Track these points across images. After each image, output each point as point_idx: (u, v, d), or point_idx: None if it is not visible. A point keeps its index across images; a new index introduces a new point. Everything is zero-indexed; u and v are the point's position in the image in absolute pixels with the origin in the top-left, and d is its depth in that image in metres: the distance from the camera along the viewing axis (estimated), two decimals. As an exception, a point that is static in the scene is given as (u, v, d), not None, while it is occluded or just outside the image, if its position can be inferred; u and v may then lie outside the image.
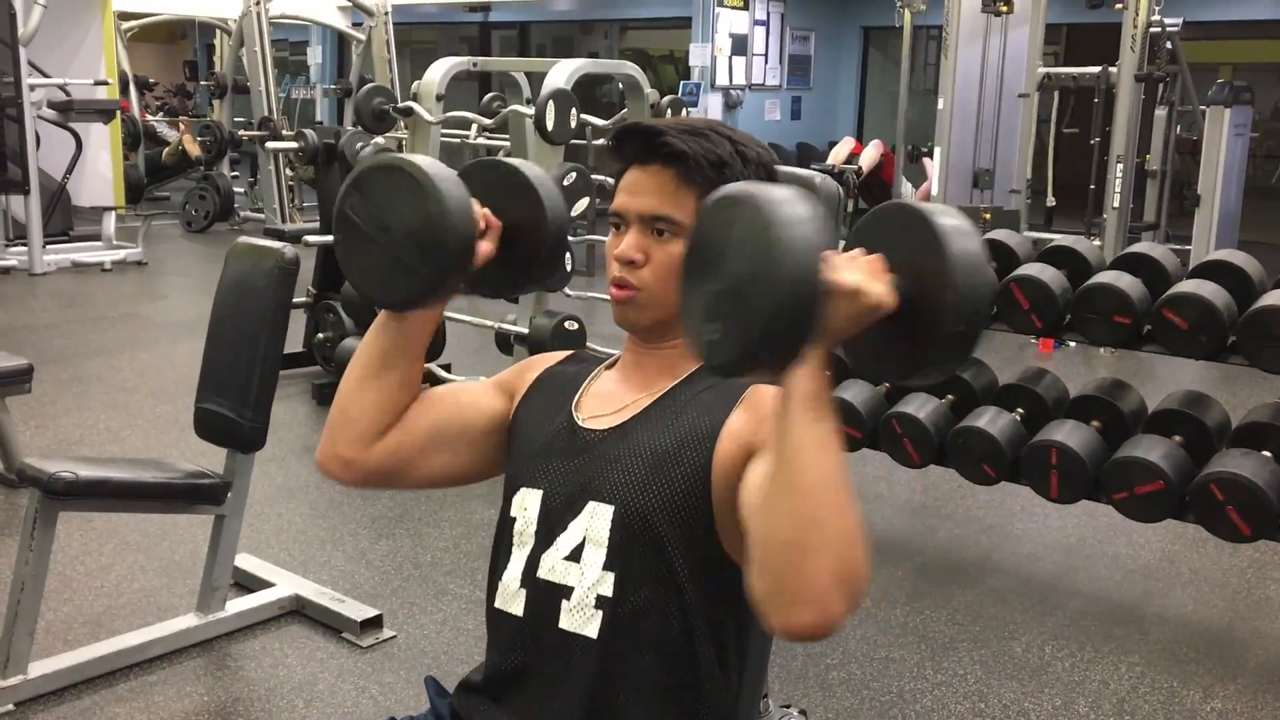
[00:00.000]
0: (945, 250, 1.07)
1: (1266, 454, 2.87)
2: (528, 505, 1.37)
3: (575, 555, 1.31)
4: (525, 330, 4.36)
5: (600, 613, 1.29)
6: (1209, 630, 3.18)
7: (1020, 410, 3.30)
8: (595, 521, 1.31)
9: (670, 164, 1.31)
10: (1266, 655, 3.05)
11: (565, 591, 1.31)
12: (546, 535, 1.34)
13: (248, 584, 3.19)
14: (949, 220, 1.10)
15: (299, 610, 3.08)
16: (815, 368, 1.07)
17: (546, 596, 1.32)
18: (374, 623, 3.00)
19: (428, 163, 1.32)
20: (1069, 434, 3.08)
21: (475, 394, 1.48)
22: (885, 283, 1.08)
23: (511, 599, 1.35)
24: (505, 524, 1.39)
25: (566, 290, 4.49)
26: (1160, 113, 7.22)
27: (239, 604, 3.02)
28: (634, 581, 1.28)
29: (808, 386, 1.07)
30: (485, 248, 1.34)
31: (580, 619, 1.29)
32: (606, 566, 1.29)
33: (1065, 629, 3.13)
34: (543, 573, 1.32)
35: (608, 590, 1.29)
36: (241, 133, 9.92)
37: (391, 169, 1.32)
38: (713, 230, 1.10)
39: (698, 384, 1.36)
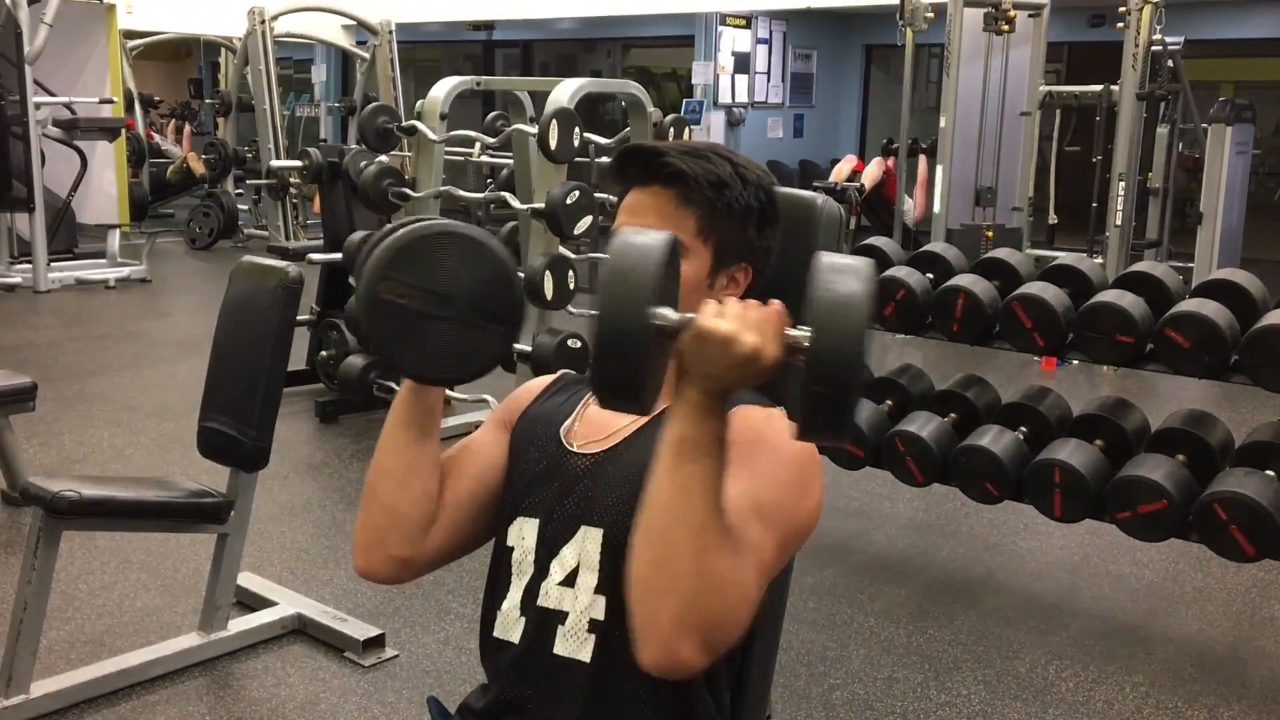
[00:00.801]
0: (814, 301, 1.03)
1: (1270, 473, 2.87)
2: (525, 534, 1.36)
3: (570, 580, 1.31)
4: (528, 348, 4.37)
5: (593, 637, 1.29)
6: (1214, 650, 3.17)
7: (1023, 429, 3.30)
8: (588, 545, 1.31)
9: (671, 185, 1.31)
10: (1271, 675, 3.04)
11: (560, 617, 1.31)
12: (544, 563, 1.33)
13: (250, 603, 3.18)
14: (831, 272, 1.04)
15: (301, 629, 3.08)
16: (686, 411, 1.10)
17: (543, 623, 1.32)
18: (376, 642, 2.99)
19: (457, 223, 1.27)
20: (1072, 453, 3.08)
21: (488, 445, 1.44)
22: (773, 334, 1.06)
23: (511, 627, 1.35)
24: (502, 553, 1.39)
25: (570, 308, 4.49)
26: (1162, 130, 7.24)
27: (241, 623, 3.01)
28: (624, 605, 1.28)
29: (676, 430, 1.11)
30: None
31: (574, 644, 1.29)
32: (598, 590, 1.29)
33: (1069, 649, 3.12)
34: (541, 600, 1.32)
35: (600, 614, 1.29)
36: (250, 181, 9.97)
37: (435, 237, 1.24)
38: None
39: None
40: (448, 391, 4.89)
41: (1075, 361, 5.37)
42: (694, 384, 1.09)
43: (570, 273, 4.31)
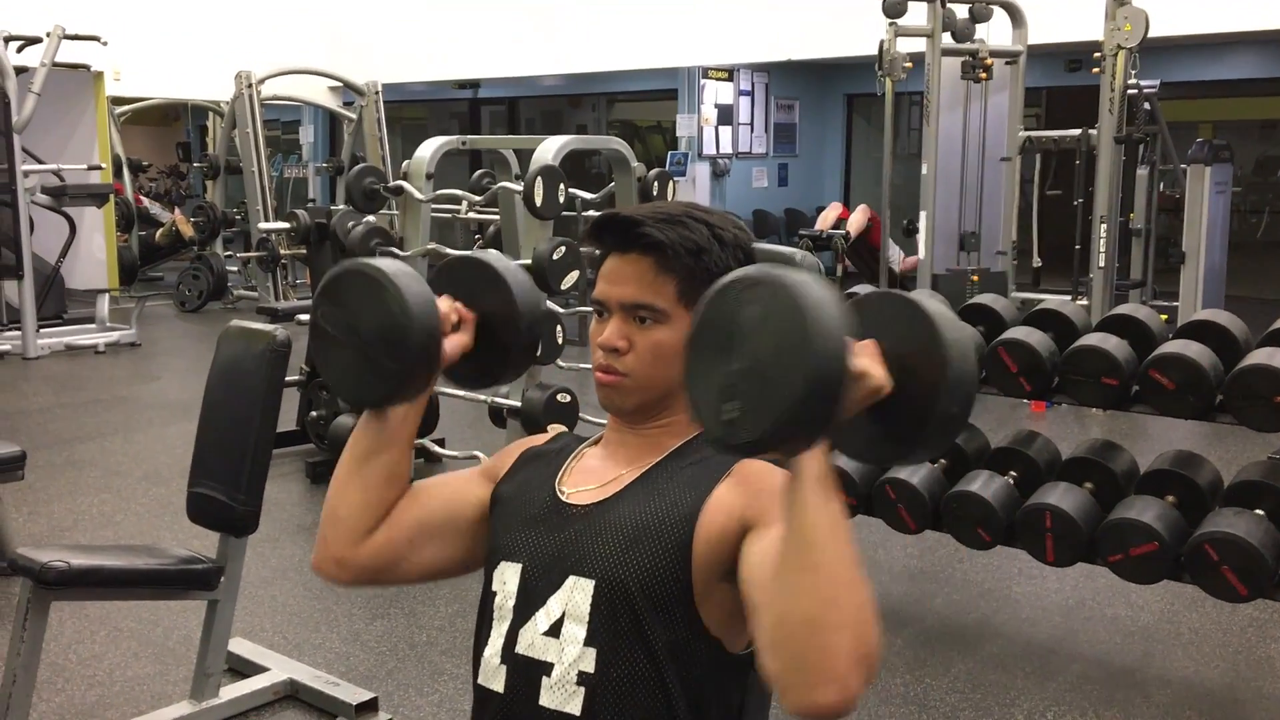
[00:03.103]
0: (940, 337, 1.12)
1: (1260, 512, 2.87)
2: (507, 579, 1.36)
3: (554, 631, 1.30)
4: (518, 404, 4.37)
5: (583, 689, 1.27)
6: (1211, 692, 3.16)
7: (1013, 473, 3.30)
8: (576, 596, 1.30)
9: (649, 252, 1.33)
10: (1269, 717, 3.02)
11: (545, 668, 1.29)
12: (525, 610, 1.33)
13: (242, 669, 3.16)
14: (938, 307, 1.15)
15: (294, 695, 3.05)
16: (824, 449, 1.10)
17: (526, 673, 1.30)
18: (369, 706, 2.96)
19: (388, 264, 1.35)
20: (1062, 496, 3.08)
21: (462, 483, 1.47)
22: (882, 367, 1.12)
23: (493, 675, 1.34)
24: (486, 598, 1.38)
25: (559, 362, 4.50)
26: (1142, 172, 7.31)
27: (233, 690, 2.98)
28: (617, 657, 1.27)
29: (818, 467, 1.10)
30: (459, 340, 1.37)
31: (561, 696, 1.28)
32: (588, 642, 1.28)
33: (1067, 694, 3.11)
34: (521, 648, 1.31)
35: (589, 666, 1.27)
36: (241, 254, 9.97)
37: (354, 274, 1.36)
38: (728, 310, 1.10)
39: (682, 459, 1.37)
40: (437, 448, 4.88)
41: (1064, 404, 5.40)
42: None
43: (559, 328, 4.32)
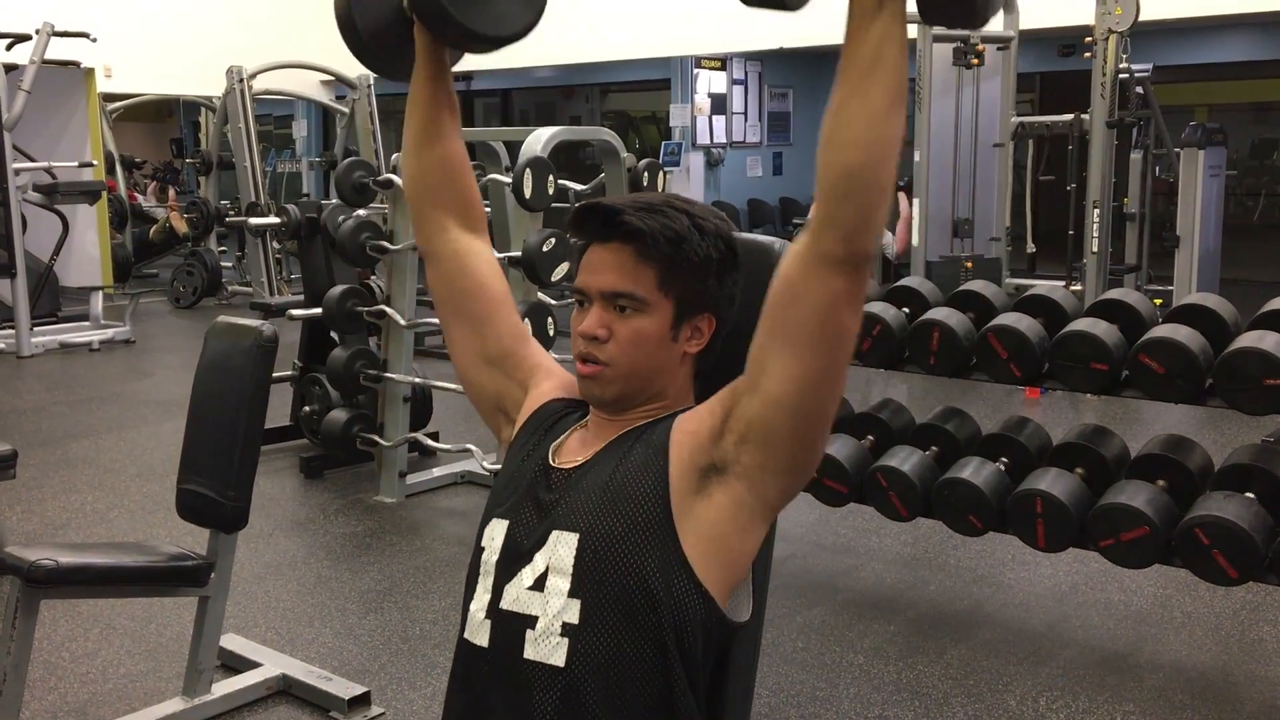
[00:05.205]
0: None
1: (1250, 495, 2.87)
2: (495, 536, 1.39)
3: (539, 585, 1.32)
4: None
5: (567, 640, 1.29)
6: (1203, 675, 3.16)
7: (1004, 460, 3.30)
8: (559, 549, 1.32)
9: (629, 241, 1.34)
10: (1262, 699, 3.03)
11: (529, 621, 1.31)
12: (509, 565, 1.35)
13: (235, 665, 3.15)
14: None
15: (286, 690, 3.05)
16: None
17: (510, 627, 1.32)
18: (362, 700, 2.96)
19: None
20: (1053, 482, 3.08)
21: (509, 328, 1.56)
22: None
23: (478, 630, 1.36)
24: (476, 554, 1.42)
25: (551, 353, 4.49)
26: (1135, 156, 7.31)
27: (225, 686, 2.98)
28: (601, 608, 1.30)
29: None
30: None
31: (546, 648, 1.30)
32: (572, 594, 1.30)
33: (1059, 679, 3.11)
34: (505, 603, 1.33)
35: (574, 618, 1.30)
36: (230, 219, 9.92)
37: None
38: None
39: (648, 428, 1.40)
40: (430, 442, 4.87)
41: (1057, 390, 5.39)
42: None
43: (549, 319, 4.32)
